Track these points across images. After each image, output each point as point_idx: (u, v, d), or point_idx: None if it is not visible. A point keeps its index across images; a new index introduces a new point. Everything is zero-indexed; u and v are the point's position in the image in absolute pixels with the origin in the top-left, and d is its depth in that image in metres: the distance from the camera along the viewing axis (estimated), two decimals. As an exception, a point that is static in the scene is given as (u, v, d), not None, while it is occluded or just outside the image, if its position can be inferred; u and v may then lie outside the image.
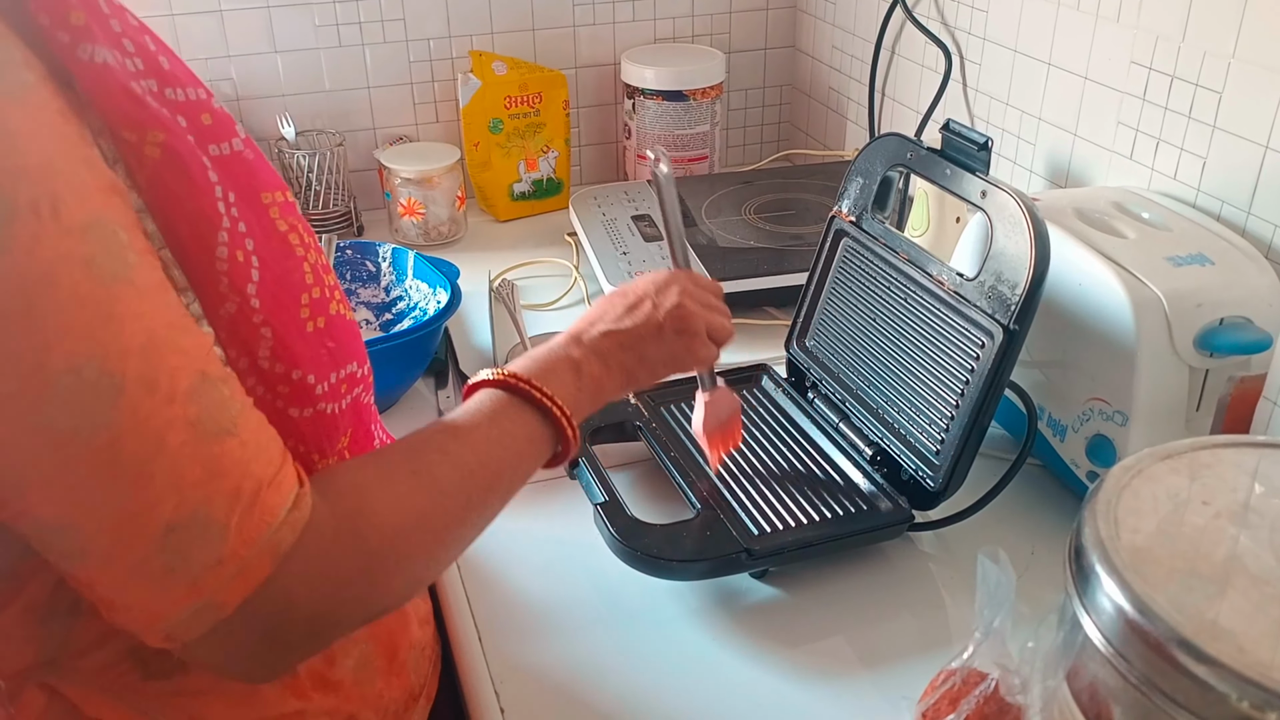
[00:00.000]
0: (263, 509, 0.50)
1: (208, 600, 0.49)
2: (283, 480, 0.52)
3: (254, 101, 1.41)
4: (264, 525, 0.50)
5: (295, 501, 0.52)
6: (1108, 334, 0.82)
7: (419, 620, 0.73)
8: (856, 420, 0.93)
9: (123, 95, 0.50)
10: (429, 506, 0.58)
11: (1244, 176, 0.90)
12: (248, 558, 0.50)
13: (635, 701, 0.73)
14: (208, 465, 0.49)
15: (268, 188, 0.58)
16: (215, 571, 0.49)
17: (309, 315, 0.59)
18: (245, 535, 0.49)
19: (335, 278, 0.63)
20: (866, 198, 0.95)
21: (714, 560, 0.80)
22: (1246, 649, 0.46)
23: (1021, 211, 0.78)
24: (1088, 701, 0.52)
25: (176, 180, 0.51)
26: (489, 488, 0.62)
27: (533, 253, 1.37)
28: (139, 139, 0.50)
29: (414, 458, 0.59)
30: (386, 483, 0.57)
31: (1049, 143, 1.13)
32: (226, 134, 0.56)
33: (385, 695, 0.68)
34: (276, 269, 0.57)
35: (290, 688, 0.63)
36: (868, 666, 0.76)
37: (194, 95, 0.55)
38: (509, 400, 0.66)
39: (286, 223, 0.59)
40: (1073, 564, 0.53)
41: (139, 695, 0.59)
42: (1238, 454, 0.59)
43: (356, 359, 0.63)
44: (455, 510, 0.60)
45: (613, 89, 1.56)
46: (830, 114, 1.58)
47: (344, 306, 0.63)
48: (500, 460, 0.63)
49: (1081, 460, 0.87)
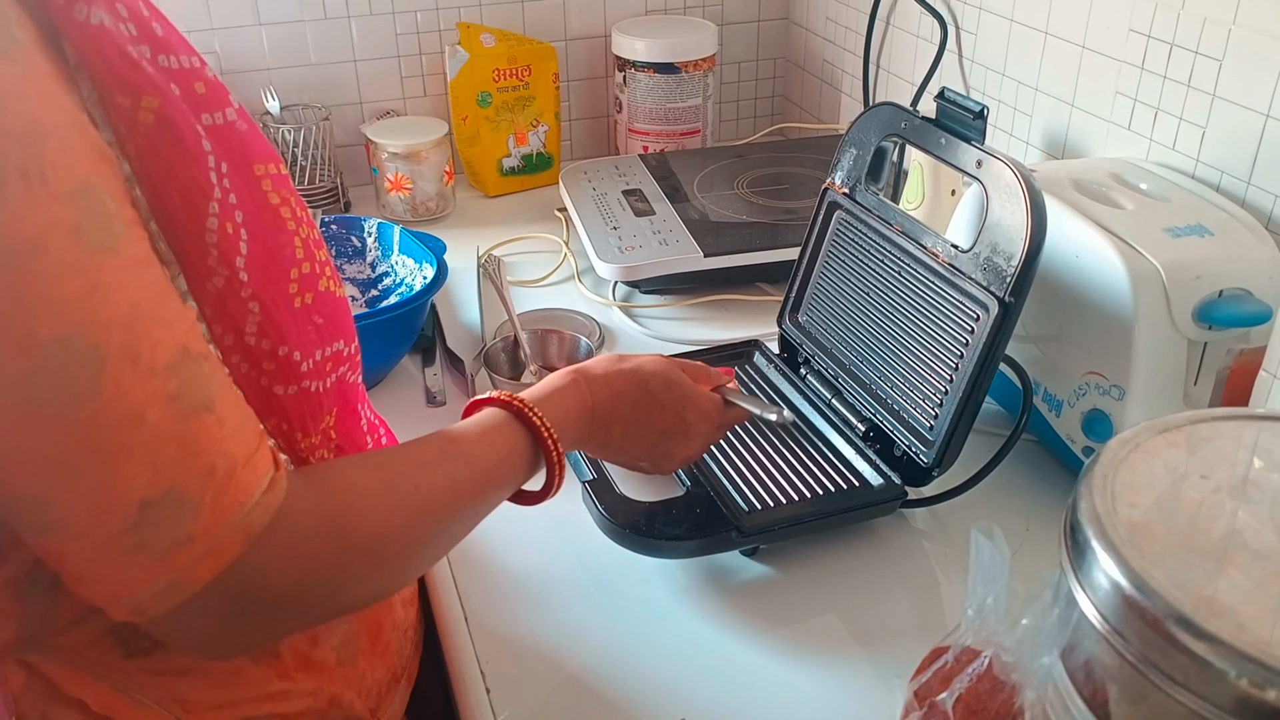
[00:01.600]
0: (237, 489, 0.50)
1: (176, 577, 0.49)
2: (258, 461, 0.51)
3: (238, 75, 1.39)
4: (237, 505, 0.49)
5: (270, 484, 0.51)
6: (1105, 307, 0.81)
7: (402, 601, 0.73)
8: (849, 396, 0.91)
9: (118, 58, 0.49)
10: (417, 521, 0.59)
11: (1244, 146, 0.88)
12: (219, 536, 0.49)
13: (624, 681, 0.72)
14: (184, 441, 0.48)
15: (261, 159, 0.57)
16: (185, 549, 0.48)
17: (297, 290, 0.57)
18: (218, 514, 0.49)
19: (327, 253, 0.62)
20: (860, 169, 0.93)
21: (704, 538, 0.79)
22: (1246, 626, 0.44)
23: (1018, 181, 0.77)
24: (1083, 680, 0.51)
25: (170, 148, 0.50)
26: (475, 508, 0.64)
27: (523, 228, 1.35)
28: (133, 104, 0.49)
29: (417, 474, 0.60)
30: (380, 492, 0.57)
31: (1046, 114, 1.11)
32: (220, 103, 0.55)
33: (369, 676, 0.68)
34: (266, 242, 0.56)
35: (274, 668, 0.62)
36: (860, 645, 0.75)
37: (188, 63, 0.54)
38: (507, 420, 0.66)
39: (279, 195, 0.58)
40: (1068, 539, 0.52)
41: (119, 673, 0.58)
42: (1237, 427, 0.58)
43: (344, 337, 0.62)
44: (440, 526, 0.61)
45: (603, 61, 1.54)
46: (824, 87, 1.56)
47: (334, 283, 0.62)
48: (489, 481, 0.64)
49: (1078, 436, 0.86)
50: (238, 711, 0.61)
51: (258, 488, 0.50)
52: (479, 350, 1.05)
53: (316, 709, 0.64)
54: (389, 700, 0.70)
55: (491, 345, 1.04)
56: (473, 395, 1.01)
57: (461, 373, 1.04)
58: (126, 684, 0.58)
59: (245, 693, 0.61)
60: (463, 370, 1.04)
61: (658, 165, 1.37)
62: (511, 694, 0.71)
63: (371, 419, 0.70)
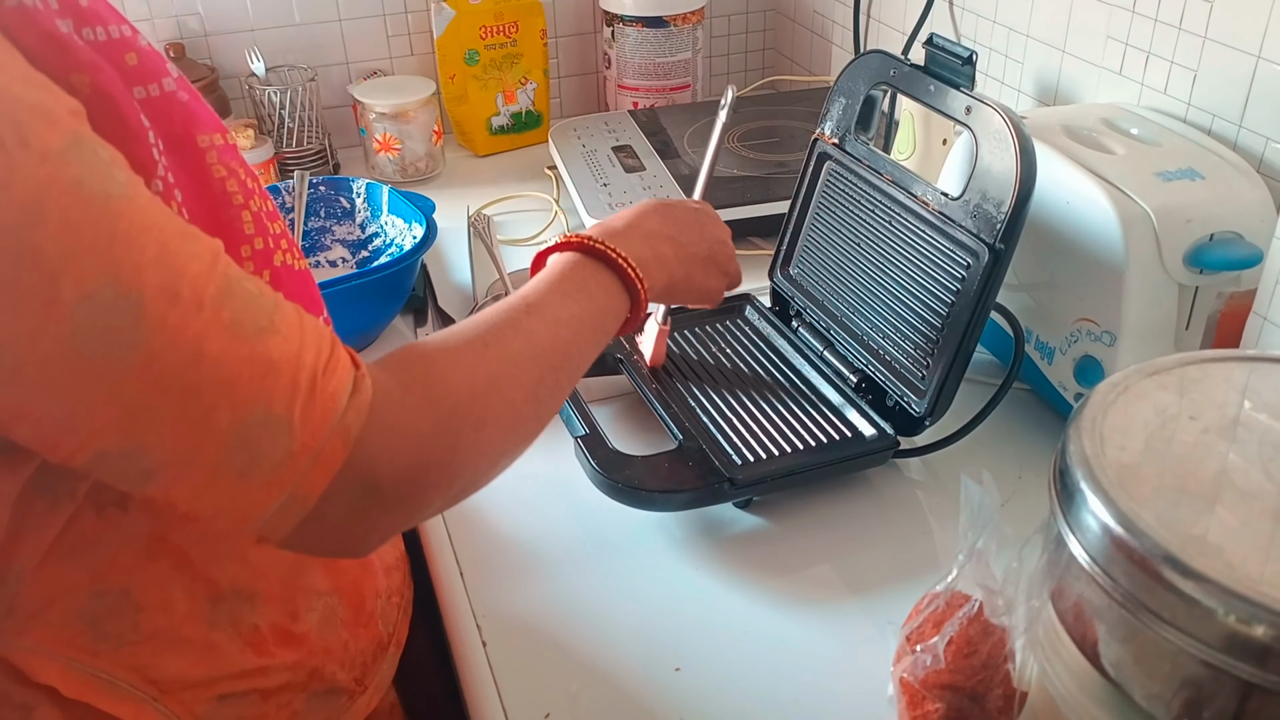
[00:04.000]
0: (324, 396, 0.49)
1: (291, 493, 0.48)
2: (336, 365, 0.50)
3: (222, 37, 1.37)
4: (329, 412, 0.49)
5: (355, 384, 0.50)
6: (1096, 252, 0.81)
7: (384, 568, 0.72)
8: (840, 347, 0.91)
9: (44, 39, 0.47)
10: (501, 374, 0.57)
11: (1235, 89, 0.88)
12: (319, 446, 0.48)
13: (620, 635, 0.73)
14: (256, 365, 0.47)
15: (205, 129, 0.55)
16: (290, 465, 0.48)
17: (253, 269, 0.56)
18: (311, 425, 0.48)
19: (283, 225, 0.61)
20: (849, 119, 0.92)
21: (696, 490, 0.79)
22: (1235, 564, 0.45)
23: (1007, 126, 0.76)
24: (1073, 621, 0.51)
25: (107, 125, 0.48)
26: (560, 366, 0.62)
27: (513, 187, 1.34)
28: (64, 83, 0.47)
29: (485, 331, 0.59)
30: (454, 352, 0.57)
31: (1037, 60, 1.10)
32: (155, 74, 0.53)
33: (351, 646, 0.67)
34: (209, 220, 0.54)
35: (252, 644, 0.61)
36: (854, 593, 0.75)
37: (116, 33, 0.52)
38: (583, 264, 0.67)
39: (225, 168, 0.56)
40: (1057, 482, 0.52)
41: (91, 657, 0.57)
42: (1226, 369, 0.58)
43: (311, 311, 0.60)
44: (528, 383, 0.59)
45: (591, 17, 1.52)
46: (815, 38, 1.54)
47: (292, 255, 0.60)
48: (572, 337, 0.63)
49: (1070, 383, 0.86)
50: (215, 689, 0.60)
51: (344, 391, 0.50)
52: (471, 309, 1.05)
53: (298, 682, 0.63)
54: (375, 669, 0.69)
55: (483, 304, 1.04)
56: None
57: (453, 332, 1.03)
58: (98, 667, 0.57)
59: (222, 670, 0.60)
60: (454, 329, 1.03)
61: (648, 121, 1.36)
62: (509, 650, 0.72)
63: None
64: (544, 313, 0.62)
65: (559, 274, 0.66)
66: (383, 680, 0.71)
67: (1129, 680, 0.48)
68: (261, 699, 0.62)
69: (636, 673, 0.70)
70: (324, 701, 0.66)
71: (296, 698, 0.64)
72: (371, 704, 0.69)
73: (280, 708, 0.63)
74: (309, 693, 0.64)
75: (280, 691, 0.63)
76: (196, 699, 0.60)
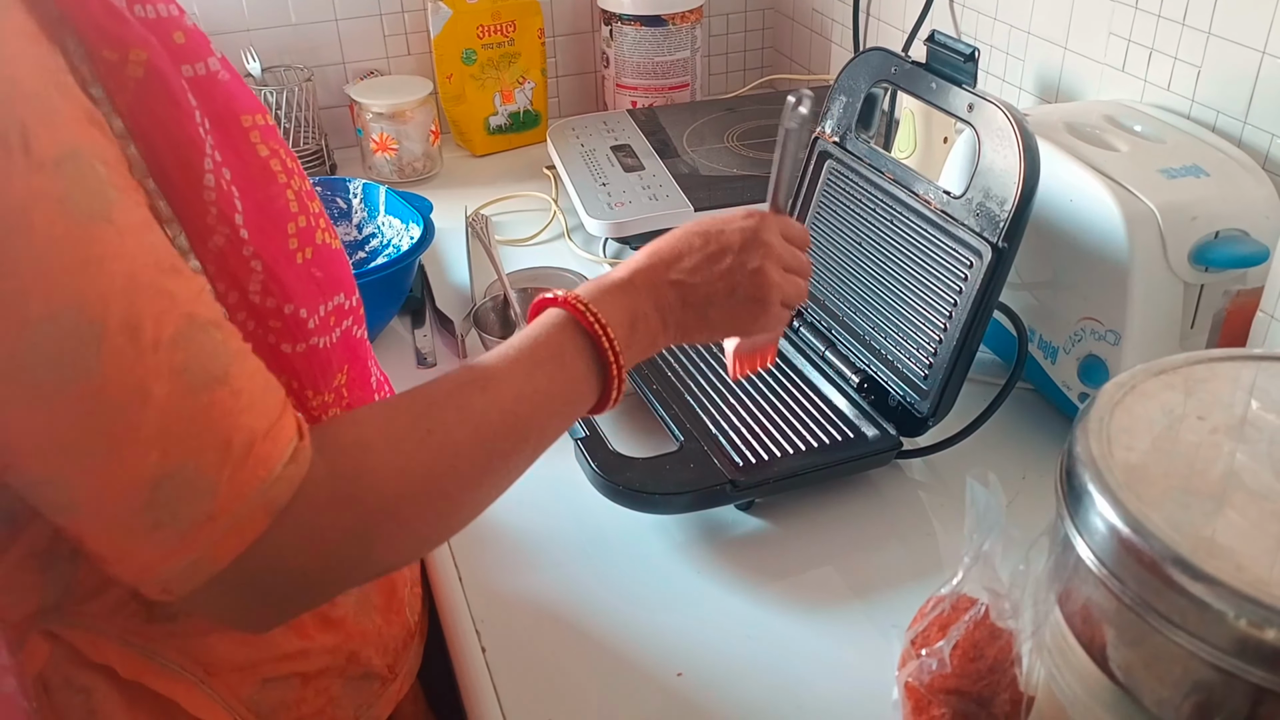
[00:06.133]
0: (256, 462, 0.47)
1: (199, 555, 0.47)
2: (279, 432, 0.49)
3: (217, 37, 1.35)
4: (257, 480, 0.47)
5: (293, 455, 0.49)
6: (1100, 250, 0.80)
7: None
8: (843, 347, 0.90)
9: (101, 11, 0.47)
10: (438, 467, 0.54)
11: (1240, 85, 0.87)
12: (240, 513, 0.47)
13: (621, 639, 0.72)
14: (194, 417, 0.46)
15: (248, 110, 0.55)
16: (206, 527, 0.47)
17: (297, 246, 0.56)
18: (237, 490, 0.47)
19: (320, 205, 0.60)
20: (850, 117, 0.91)
21: (698, 492, 0.78)
22: (1245, 566, 0.44)
23: (1010, 124, 0.75)
24: (1081, 625, 0.50)
25: (160, 104, 0.49)
26: (512, 450, 0.58)
27: (511, 187, 1.34)
28: (120, 58, 0.47)
29: (429, 414, 0.55)
30: (393, 442, 0.53)
31: (1039, 57, 1.09)
32: (201, 53, 0.53)
33: (385, 632, 0.68)
34: (258, 196, 0.54)
35: (294, 628, 0.62)
36: (857, 596, 0.75)
37: (165, 11, 0.51)
38: (563, 327, 0.61)
39: (268, 148, 0.56)
40: (1064, 484, 0.51)
41: (144, 638, 0.57)
42: (1234, 368, 0.57)
43: (344, 289, 0.60)
44: (469, 473, 0.56)
45: (589, 15, 1.52)
46: (814, 37, 1.53)
47: (330, 235, 0.60)
48: (532, 415, 0.58)
49: (1074, 382, 0.85)
50: (259, 672, 0.61)
51: (279, 460, 0.48)
52: (469, 310, 1.04)
53: (336, 666, 0.64)
54: (405, 656, 0.70)
55: (481, 305, 1.03)
56: (463, 357, 1.01)
57: (452, 333, 1.03)
58: (152, 648, 0.58)
59: (266, 653, 0.61)
60: (453, 331, 1.03)
61: (646, 120, 1.36)
62: (507, 652, 0.71)
63: (379, 376, 0.68)
64: (502, 388, 0.57)
65: (535, 336, 0.61)
66: (411, 669, 0.71)
67: (1138, 685, 0.48)
68: (302, 683, 0.63)
69: (638, 678, 0.69)
70: (359, 687, 0.66)
71: (334, 683, 0.65)
72: (401, 691, 0.70)
73: (319, 693, 0.64)
74: (346, 677, 0.65)
75: (319, 676, 0.64)
76: (243, 681, 0.60)
